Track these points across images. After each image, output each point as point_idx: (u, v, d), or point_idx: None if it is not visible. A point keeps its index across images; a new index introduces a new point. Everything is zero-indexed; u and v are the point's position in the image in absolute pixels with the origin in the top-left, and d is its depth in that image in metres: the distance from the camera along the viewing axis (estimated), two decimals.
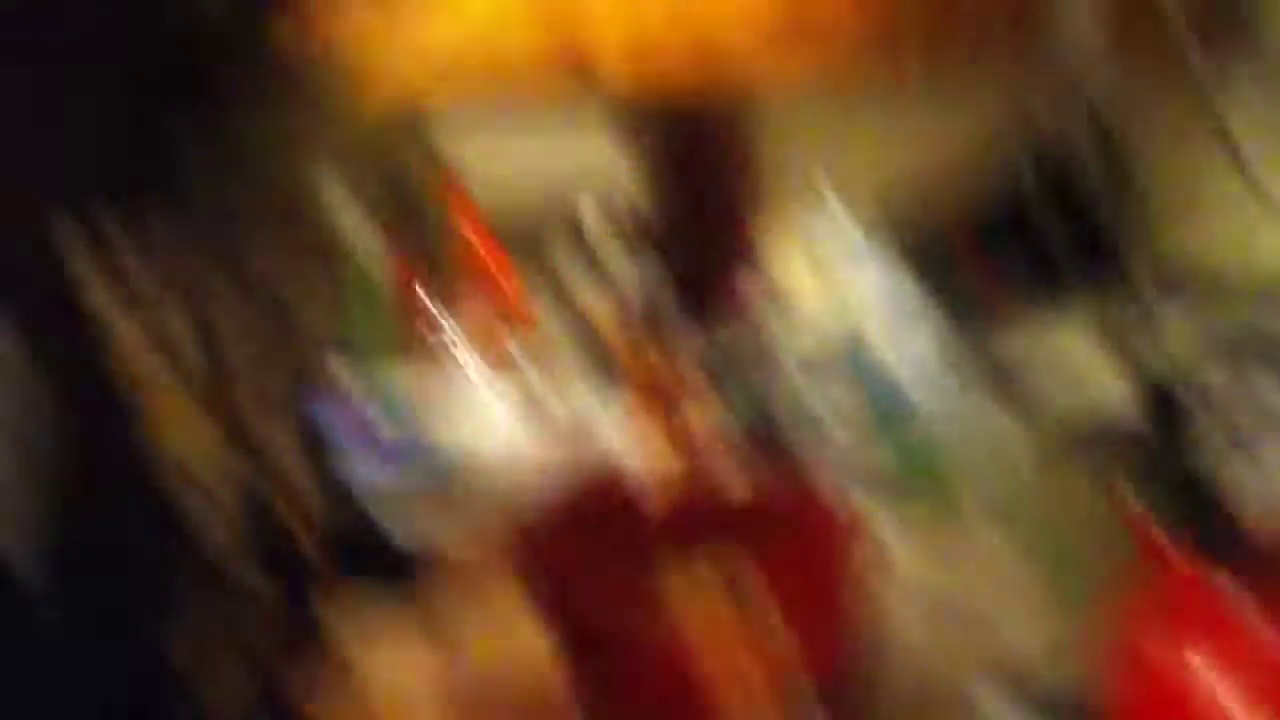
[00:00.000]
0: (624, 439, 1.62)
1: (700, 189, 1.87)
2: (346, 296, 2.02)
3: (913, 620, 1.07)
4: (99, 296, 0.61)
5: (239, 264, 0.79)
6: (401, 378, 1.95)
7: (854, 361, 1.34)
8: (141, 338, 0.63)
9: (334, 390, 1.92)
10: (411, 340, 2.01)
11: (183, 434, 0.65)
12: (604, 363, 1.84)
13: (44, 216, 0.60)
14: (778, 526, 1.06)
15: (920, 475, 1.27)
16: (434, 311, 2.00)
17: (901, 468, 1.28)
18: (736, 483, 1.38)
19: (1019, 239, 1.26)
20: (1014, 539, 1.15)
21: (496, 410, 1.85)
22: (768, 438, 1.37)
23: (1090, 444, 1.12)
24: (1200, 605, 0.78)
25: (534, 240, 2.01)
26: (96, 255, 0.63)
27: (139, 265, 0.66)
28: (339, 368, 1.95)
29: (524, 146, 1.93)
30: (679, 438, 1.57)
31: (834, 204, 1.48)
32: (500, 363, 1.92)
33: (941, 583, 1.16)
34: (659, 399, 1.63)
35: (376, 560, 1.02)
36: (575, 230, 1.94)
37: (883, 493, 1.24)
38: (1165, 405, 1.04)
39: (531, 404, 1.84)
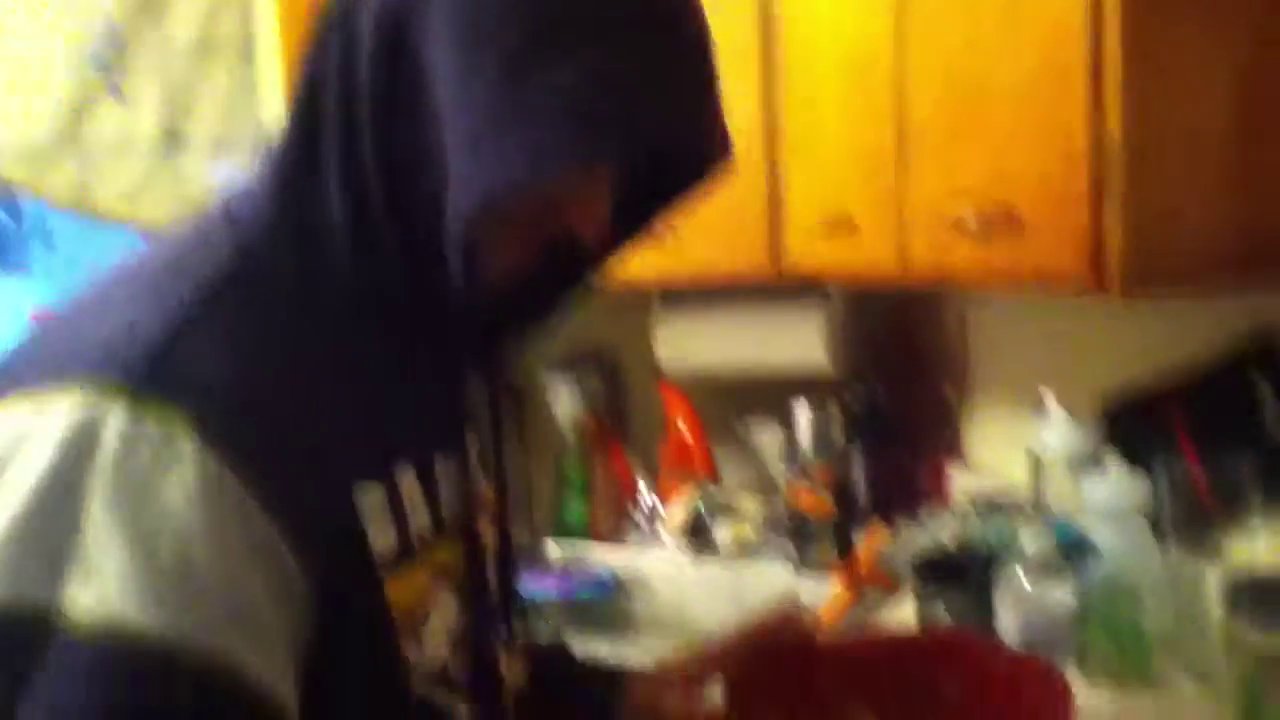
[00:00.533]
0: (804, 592, 1.70)
1: (904, 376, 1.95)
2: (561, 483, 2.20)
3: None
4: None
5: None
6: (603, 552, 2.11)
7: (1049, 520, 1.40)
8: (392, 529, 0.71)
9: (544, 564, 2.11)
10: (614, 518, 2.18)
11: (415, 597, 0.73)
12: (793, 530, 1.91)
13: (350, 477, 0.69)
14: (962, 666, 1.11)
15: (1110, 624, 1.32)
16: (639, 489, 2.16)
17: (1090, 617, 1.32)
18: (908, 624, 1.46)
19: (1241, 441, 1.30)
20: (1207, 688, 1.22)
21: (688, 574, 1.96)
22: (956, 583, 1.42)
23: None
24: None
25: (736, 414, 2.14)
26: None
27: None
28: (550, 546, 2.14)
29: (732, 326, 2.02)
30: (858, 587, 1.65)
31: (1047, 399, 1.54)
32: (691, 531, 2.04)
33: (1132, 710, 1.25)
34: (846, 565, 1.72)
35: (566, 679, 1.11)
36: (779, 408, 2.03)
37: (1073, 641, 1.30)
38: None
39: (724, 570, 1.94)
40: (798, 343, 1.97)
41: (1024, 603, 1.32)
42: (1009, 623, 1.32)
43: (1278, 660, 1.07)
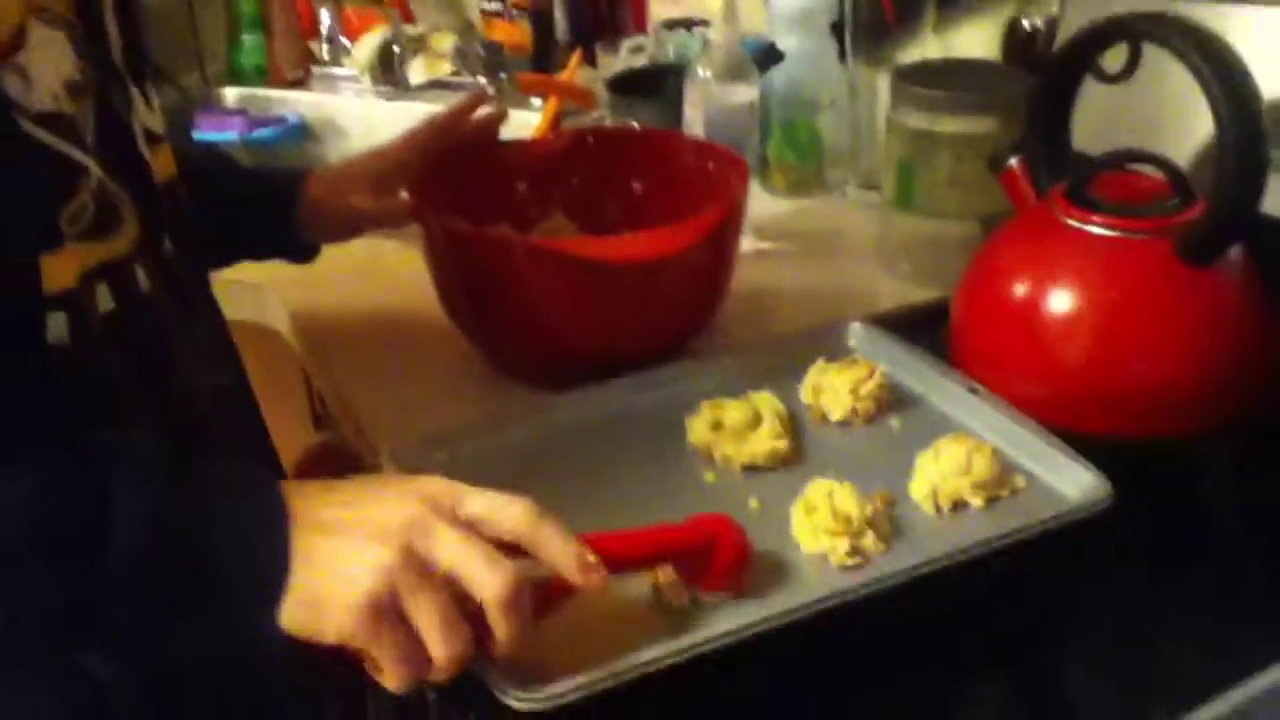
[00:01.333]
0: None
1: None
2: (233, 21, 2.00)
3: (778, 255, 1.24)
4: None
5: None
6: (286, 95, 1.98)
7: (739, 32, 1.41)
8: None
9: (221, 109, 1.97)
10: (296, 59, 2.02)
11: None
12: (489, 64, 1.86)
13: None
14: (649, 159, 1.13)
15: (788, 133, 1.37)
16: (322, 26, 2.01)
17: (770, 124, 1.37)
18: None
19: None
20: (872, 191, 1.29)
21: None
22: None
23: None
24: (1046, 233, 0.88)
25: None
26: None
27: None
28: (227, 92, 1.98)
29: None
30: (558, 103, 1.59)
31: None
32: (381, 69, 1.93)
33: (804, 213, 1.36)
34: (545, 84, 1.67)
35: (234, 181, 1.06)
36: None
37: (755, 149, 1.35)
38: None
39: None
40: None
41: (710, 101, 1.33)
42: (696, 122, 1.34)
43: (930, 136, 1.12)
